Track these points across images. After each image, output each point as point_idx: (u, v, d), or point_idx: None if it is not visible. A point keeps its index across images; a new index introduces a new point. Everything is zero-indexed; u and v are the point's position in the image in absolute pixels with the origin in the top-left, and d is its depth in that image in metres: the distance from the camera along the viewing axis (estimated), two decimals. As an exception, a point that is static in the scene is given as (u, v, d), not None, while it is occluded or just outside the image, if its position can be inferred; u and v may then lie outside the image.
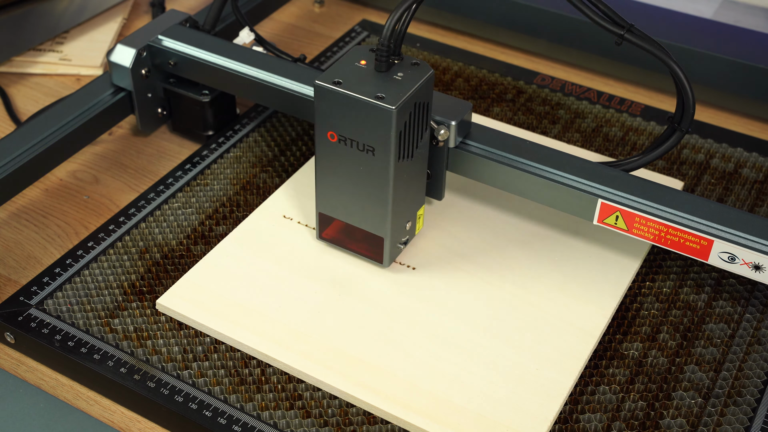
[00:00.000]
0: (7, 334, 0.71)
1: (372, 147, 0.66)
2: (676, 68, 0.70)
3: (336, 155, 0.69)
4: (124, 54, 0.84)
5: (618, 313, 0.72)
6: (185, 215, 0.80)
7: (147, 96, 0.87)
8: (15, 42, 1.00)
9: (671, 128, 0.73)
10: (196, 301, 0.71)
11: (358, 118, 0.66)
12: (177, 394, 0.66)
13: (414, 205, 0.73)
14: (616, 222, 0.70)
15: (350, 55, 0.69)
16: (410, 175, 0.70)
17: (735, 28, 0.96)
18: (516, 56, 1.02)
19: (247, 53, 0.83)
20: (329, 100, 0.66)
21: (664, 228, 0.68)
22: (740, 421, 0.65)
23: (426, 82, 0.67)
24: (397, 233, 0.72)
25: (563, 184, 0.70)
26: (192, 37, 0.85)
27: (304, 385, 0.67)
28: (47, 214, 0.82)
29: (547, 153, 0.73)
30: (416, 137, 0.68)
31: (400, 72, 0.67)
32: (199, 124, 0.88)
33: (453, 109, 0.72)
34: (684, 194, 0.70)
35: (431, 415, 0.64)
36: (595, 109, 0.92)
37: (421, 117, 0.68)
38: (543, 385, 0.66)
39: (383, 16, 1.08)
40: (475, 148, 0.73)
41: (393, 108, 0.64)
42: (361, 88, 0.65)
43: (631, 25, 0.71)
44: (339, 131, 0.67)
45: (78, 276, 0.74)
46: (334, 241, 0.74)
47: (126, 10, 1.08)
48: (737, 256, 0.66)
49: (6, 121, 0.93)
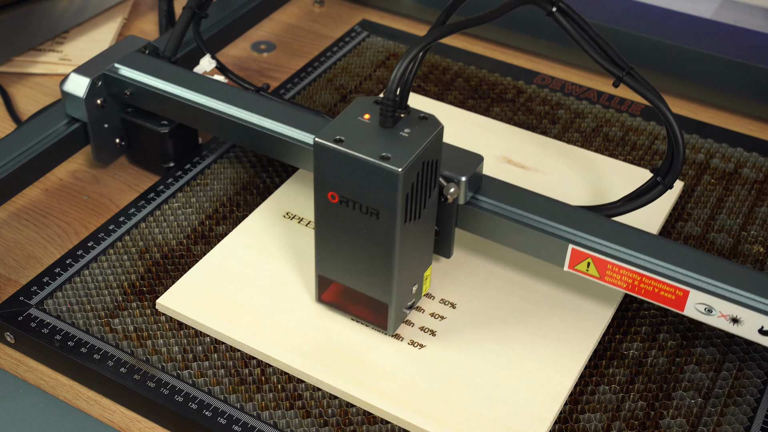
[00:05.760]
0: (7, 334, 0.71)
1: (376, 210, 0.61)
2: (671, 118, 0.68)
3: (337, 216, 0.63)
4: (78, 83, 0.79)
5: (618, 313, 0.72)
6: (185, 215, 0.80)
7: (103, 127, 0.82)
8: (15, 42, 1.00)
9: (654, 180, 0.70)
10: (196, 301, 0.71)
11: (362, 180, 0.60)
12: (177, 394, 0.66)
13: (421, 267, 0.68)
14: (587, 269, 0.65)
15: (353, 108, 0.63)
16: (417, 236, 0.64)
17: (735, 28, 0.96)
18: (516, 56, 1.02)
19: (206, 83, 0.79)
20: (330, 160, 0.61)
21: (638, 277, 0.64)
22: (740, 421, 0.65)
23: (435, 139, 0.62)
24: (402, 298, 0.67)
25: (533, 228, 0.66)
26: (150, 66, 0.81)
27: (304, 385, 0.67)
28: (47, 214, 0.82)
29: (522, 195, 0.68)
30: (424, 197, 0.63)
31: (407, 128, 0.62)
32: (158, 156, 0.84)
33: (463, 163, 0.67)
34: (660, 240, 0.65)
35: (431, 415, 0.64)
36: (595, 109, 0.92)
37: (429, 176, 0.63)
38: (543, 385, 0.66)
39: (383, 16, 1.08)
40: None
41: (399, 170, 0.59)
42: (365, 147, 0.60)
43: (630, 68, 0.69)
44: (340, 192, 0.62)
45: (78, 276, 0.74)
46: (335, 305, 0.70)
47: (126, 10, 1.08)
48: (714, 307, 0.62)
49: (6, 121, 0.93)
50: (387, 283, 0.65)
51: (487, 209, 0.68)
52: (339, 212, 0.63)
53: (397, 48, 1.01)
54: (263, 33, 1.06)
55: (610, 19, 0.97)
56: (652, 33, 0.95)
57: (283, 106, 0.77)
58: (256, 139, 0.76)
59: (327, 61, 0.99)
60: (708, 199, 0.82)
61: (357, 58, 1.00)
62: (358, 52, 1.00)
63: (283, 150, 0.75)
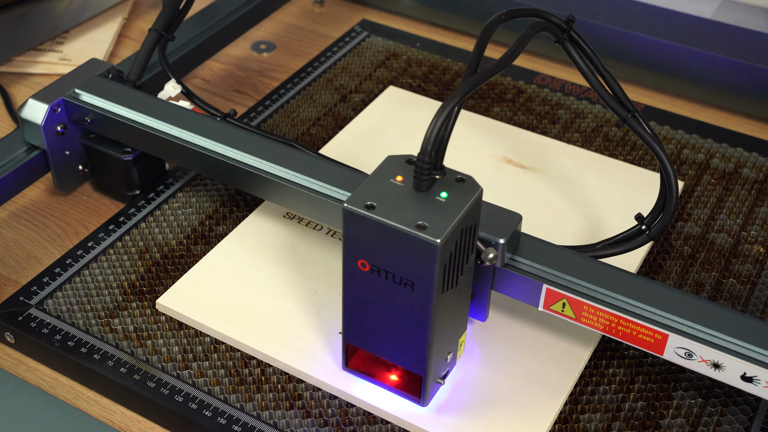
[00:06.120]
0: (7, 334, 0.71)
1: (411, 281, 0.57)
2: (668, 167, 0.66)
3: (367, 285, 0.59)
4: (36, 110, 0.76)
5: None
6: (185, 215, 0.80)
7: (64, 154, 0.79)
8: (15, 42, 1.00)
9: (639, 229, 0.68)
10: (196, 301, 0.71)
11: (396, 250, 0.56)
12: (177, 394, 0.66)
13: (456, 334, 0.64)
14: (563, 309, 0.63)
15: (384, 169, 0.59)
16: (453, 305, 0.61)
17: (735, 28, 0.96)
18: (516, 56, 1.02)
19: (170, 110, 0.76)
20: (361, 227, 0.57)
21: (615, 319, 0.61)
22: (740, 421, 0.65)
23: (474, 204, 0.57)
24: (437, 368, 0.63)
25: (508, 266, 0.63)
26: (112, 91, 0.77)
27: (304, 385, 0.67)
28: (47, 214, 0.82)
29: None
30: (461, 264, 0.59)
31: (443, 191, 0.57)
32: (122, 184, 0.81)
33: (501, 223, 0.62)
34: (639, 279, 0.63)
35: (431, 415, 0.64)
36: (595, 109, 0.92)
37: (467, 242, 0.59)
38: (543, 385, 0.66)
39: (383, 16, 1.08)
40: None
41: (438, 242, 0.54)
42: (399, 214, 0.56)
43: (636, 110, 0.68)
44: (372, 261, 0.58)
45: (78, 276, 0.74)
46: (362, 374, 0.65)
47: (126, 10, 1.08)
48: (694, 352, 0.60)
49: (6, 121, 0.93)
50: (421, 355, 0.61)
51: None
52: (370, 281, 0.59)
53: (397, 48, 1.01)
54: (263, 33, 1.06)
55: (610, 19, 0.97)
56: (652, 33, 0.95)
57: (249, 135, 0.73)
58: (221, 170, 0.73)
59: (327, 61, 0.99)
60: (708, 199, 0.82)
61: (357, 58, 1.00)
62: (358, 52, 1.00)
63: (248, 182, 0.72)
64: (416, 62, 0.99)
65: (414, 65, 0.98)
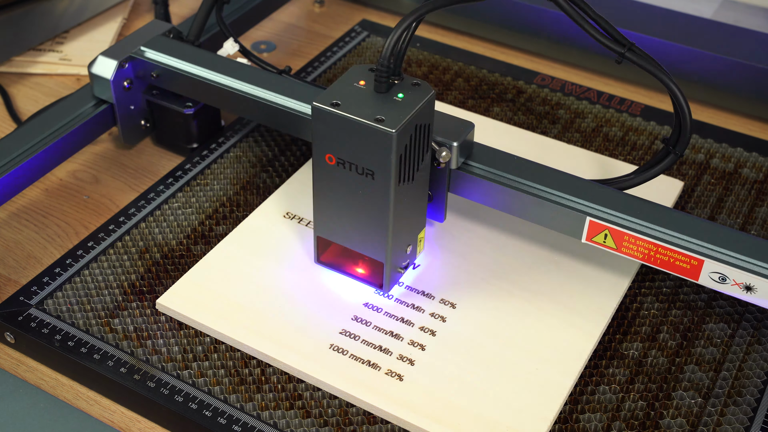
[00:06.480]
0: (7, 334, 0.71)
1: (371, 171, 0.64)
2: (675, 90, 0.69)
3: (334, 178, 0.67)
4: (105, 66, 0.82)
5: (618, 313, 0.72)
6: (185, 215, 0.80)
7: (129, 108, 0.85)
8: (15, 42, 1.00)
9: (666, 150, 0.72)
10: (196, 301, 0.71)
11: (357, 142, 0.64)
12: (177, 394, 0.66)
13: (415, 229, 0.71)
14: (604, 240, 0.68)
15: (349, 75, 0.67)
16: (411, 199, 0.68)
17: (735, 28, 0.96)
18: (516, 56, 1.02)
19: (231, 65, 0.82)
20: (327, 123, 0.64)
21: (654, 247, 0.67)
22: (740, 421, 0.65)
23: (427, 103, 0.65)
24: (397, 258, 0.70)
25: (552, 201, 0.69)
26: (175, 49, 0.83)
27: (304, 385, 0.67)
28: (47, 214, 0.82)
29: (540, 170, 0.71)
30: (417, 160, 0.67)
31: (400, 93, 0.65)
32: (182, 137, 0.87)
33: (455, 129, 0.70)
34: (675, 212, 0.68)
35: (431, 415, 0.64)
36: (595, 109, 0.92)
37: (422, 139, 0.66)
38: (543, 385, 0.66)
39: (383, 16, 1.08)
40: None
41: (393, 131, 0.62)
42: (360, 110, 0.63)
43: (632, 44, 0.70)
44: (337, 154, 0.65)
45: (78, 276, 0.74)
46: (333, 266, 0.73)
47: (126, 10, 1.08)
48: (728, 276, 0.65)
49: (6, 121, 0.93)
50: (382, 243, 0.68)
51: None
52: (336, 174, 0.66)
53: (397, 48, 1.01)
54: (263, 33, 1.06)
55: (610, 19, 0.96)
56: (652, 33, 0.95)
57: (303, 87, 0.79)
58: (278, 118, 0.78)
59: (327, 61, 0.99)
60: (708, 199, 0.82)
61: (357, 58, 1.00)
62: (358, 52, 1.00)
63: (303, 127, 0.78)
64: (416, 62, 0.99)
65: (414, 65, 0.98)
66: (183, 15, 1.08)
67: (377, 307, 0.71)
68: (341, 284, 0.73)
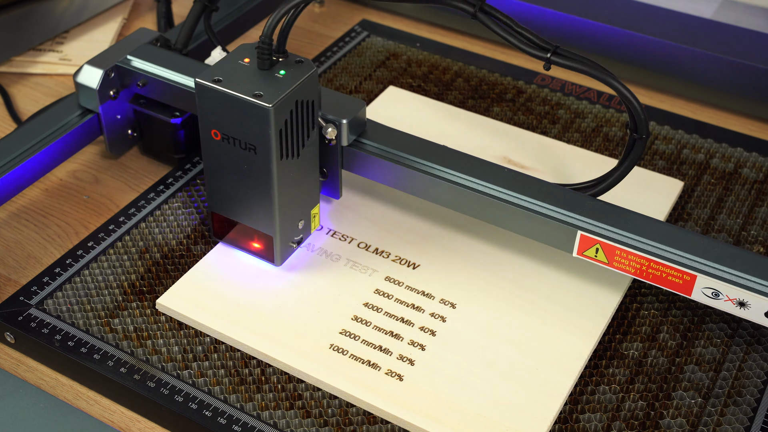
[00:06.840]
0: (7, 334, 0.71)
1: (253, 145, 0.66)
2: (611, 81, 0.69)
3: (221, 153, 0.69)
4: (91, 75, 0.80)
5: (618, 313, 0.72)
6: (185, 215, 0.80)
7: (116, 118, 0.83)
8: (15, 42, 1.00)
9: (632, 139, 0.71)
10: (196, 301, 0.71)
11: (239, 117, 0.66)
12: (177, 394, 0.66)
13: (306, 204, 0.73)
14: (596, 255, 0.68)
15: (235, 53, 0.69)
16: (299, 174, 0.70)
17: (735, 28, 0.96)
18: (516, 56, 1.02)
19: None
20: (210, 98, 0.66)
21: (646, 262, 0.66)
22: (740, 421, 0.65)
23: (309, 80, 0.67)
24: (288, 232, 0.72)
25: (539, 215, 0.69)
26: (161, 57, 0.82)
27: (304, 385, 0.67)
28: (47, 214, 0.82)
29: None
30: (301, 136, 0.68)
31: (282, 70, 0.67)
32: (169, 147, 0.85)
33: (345, 107, 0.72)
34: (668, 226, 0.68)
35: (431, 415, 0.64)
36: (595, 109, 0.92)
37: (305, 115, 0.68)
38: (543, 385, 0.66)
39: (383, 16, 1.08)
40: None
41: (269, 106, 0.64)
42: (240, 86, 0.65)
43: (556, 47, 0.69)
44: (222, 129, 0.67)
45: (78, 276, 0.74)
46: (229, 241, 0.74)
47: (126, 10, 1.08)
48: (721, 292, 0.64)
49: (6, 121, 0.93)
50: (270, 217, 0.70)
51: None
52: (222, 149, 0.68)
53: (397, 48, 1.01)
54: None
55: (610, 19, 0.97)
56: (652, 33, 0.95)
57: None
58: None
59: (327, 61, 0.99)
60: (708, 199, 0.82)
61: (357, 58, 1.00)
62: (358, 52, 1.00)
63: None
64: (416, 62, 0.99)
65: (414, 65, 0.98)
66: (183, 15, 1.08)
67: (377, 307, 0.71)
68: (341, 284, 0.73)
